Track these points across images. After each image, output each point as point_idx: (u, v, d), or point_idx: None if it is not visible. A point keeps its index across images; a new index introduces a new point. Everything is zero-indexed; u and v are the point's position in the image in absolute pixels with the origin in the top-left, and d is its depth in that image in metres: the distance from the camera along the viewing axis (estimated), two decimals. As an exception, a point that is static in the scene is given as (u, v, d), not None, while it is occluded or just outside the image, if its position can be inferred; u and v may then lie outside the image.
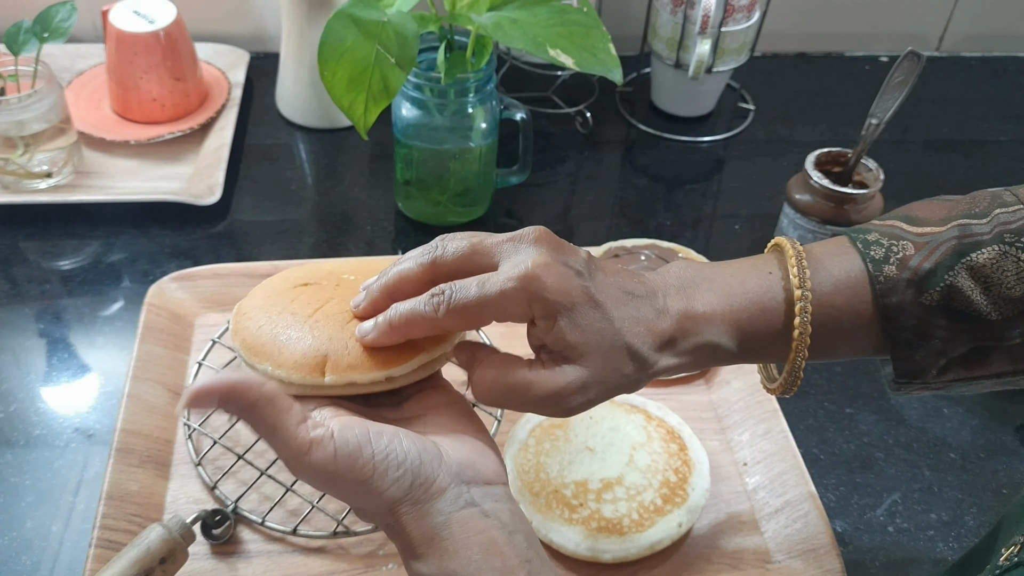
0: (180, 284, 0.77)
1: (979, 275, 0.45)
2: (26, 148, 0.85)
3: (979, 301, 0.45)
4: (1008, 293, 0.45)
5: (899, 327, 0.46)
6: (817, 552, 0.62)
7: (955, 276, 0.45)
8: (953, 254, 0.46)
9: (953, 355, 0.47)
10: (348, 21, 0.71)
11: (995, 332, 0.46)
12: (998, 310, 0.45)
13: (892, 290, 0.46)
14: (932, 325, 0.46)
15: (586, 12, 0.76)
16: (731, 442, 0.70)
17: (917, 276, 0.46)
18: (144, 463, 0.65)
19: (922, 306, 0.46)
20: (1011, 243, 0.46)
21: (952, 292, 0.46)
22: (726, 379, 0.74)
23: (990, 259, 0.45)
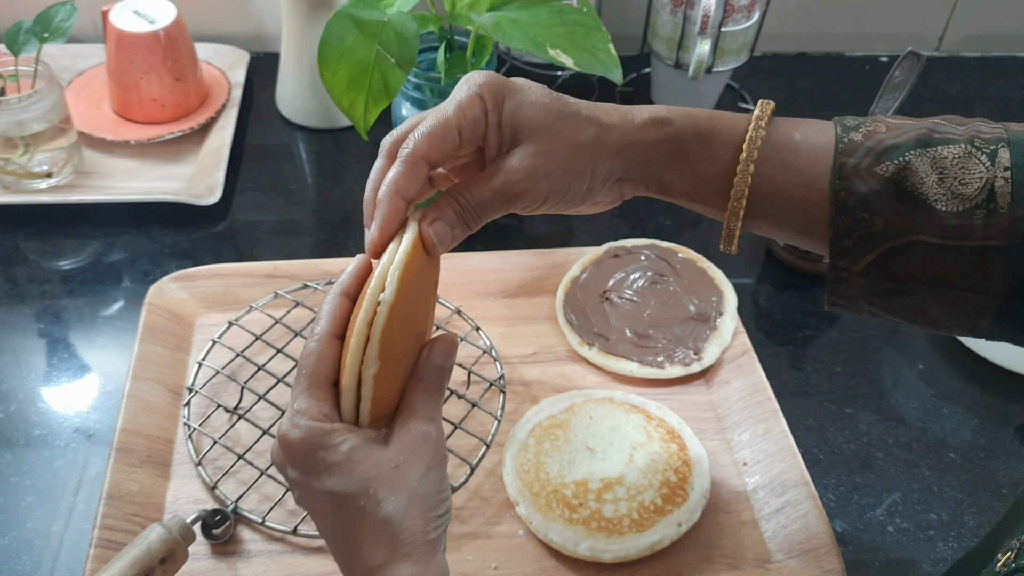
0: (180, 284, 0.77)
1: (938, 165, 0.46)
2: (26, 148, 0.85)
3: (931, 186, 0.45)
4: (960, 188, 0.45)
5: (848, 188, 0.47)
6: (817, 552, 0.62)
7: (916, 156, 0.46)
8: (918, 139, 0.47)
9: (886, 246, 0.47)
10: (348, 21, 0.71)
11: (934, 223, 0.45)
12: (945, 201, 0.45)
13: (852, 151, 0.47)
14: (878, 198, 0.46)
15: (586, 12, 0.76)
16: (731, 442, 0.70)
17: (880, 147, 0.47)
18: (144, 463, 0.65)
19: (875, 175, 0.46)
20: (979, 147, 0.46)
21: (908, 169, 0.46)
22: (726, 379, 0.74)
23: (954, 154, 0.46)
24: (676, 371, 0.74)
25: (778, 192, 0.48)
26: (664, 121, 0.49)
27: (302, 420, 0.44)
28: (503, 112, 0.47)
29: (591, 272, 0.81)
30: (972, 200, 0.45)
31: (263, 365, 0.72)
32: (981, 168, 0.45)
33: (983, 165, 0.45)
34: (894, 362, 0.79)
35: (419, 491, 0.44)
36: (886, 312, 0.49)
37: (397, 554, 0.43)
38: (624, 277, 0.80)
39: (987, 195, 0.45)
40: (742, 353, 0.75)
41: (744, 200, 0.49)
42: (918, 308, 0.48)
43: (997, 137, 0.46)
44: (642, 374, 0.74)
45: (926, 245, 0.46)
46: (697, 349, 0.75)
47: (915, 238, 0.46)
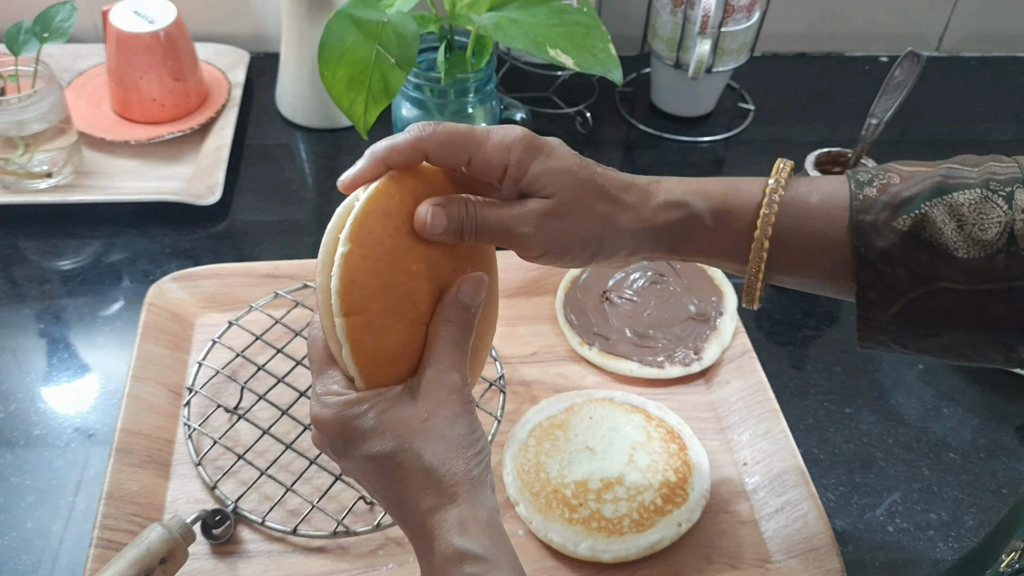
0: (180, 284, 0.77)
1: (955, 212, 0.46)
2: (26, 148, 0.85)
3: (949, 235, 0.46)
4: (980, 235, 0.46)
5: (867, 244, 0.47)
6: (817, 552, 0.62)
7: (931, 207, 0.46)
8: (934, 188, 0.47)
9: (912, 295, 0.47)
10: (348, 21, 0.71)
11: (957, 271, 0.46)
12: (966, 248, 0.46)
13: (868, 208, 0.47)
14: (899, 250, 0.47)
15: (586, 12, 0.76)
16: (731, 442, 0.70)
17: (895, 201, 0.47)
18: (144, 463, 0.65)
19: (893, 230, 0.47)
20: (995, 190, 0.46)
21: (925, 221, 0.46)
22: (726, 379, 0.74)
23: (970, 200, 0.46)
24: (676, 371, 0.74)
25: (797, 253, 0.49)
26: (679, 204, 0.50)
27: (327, 399, 0.46)
28: (527, 171, 0.48)
29: (591, 272, 0.81)
30: (993, 246, 0.45)
31: (263, 365, 0.72)
32: (999, 212, 0.46)
33: (1000, 209, 0.46)
34: (894, 362, 0.79)
35: (452, 436, 0.45)
36: (918, 352, 0.50)
37: (444, 497, 0.44)
38: (624, 277, 0.80)
39: (1007, 239, 0.45)
40: (742, 353, 0.75)
41: (761, 274, 0.50)
42: (951, 346, 0.49)
43: (1012, 178, 0.47)
44: (642, 374, 0.74)
45: (951, 291, 0.46)
46: (697, 349, 0.75)
47: (940, 285, 0.47)
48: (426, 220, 0.46)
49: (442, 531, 0.44)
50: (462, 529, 0.44)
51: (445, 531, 0.44)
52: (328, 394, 0.46)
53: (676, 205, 0.50)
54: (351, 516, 0.63)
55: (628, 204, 0.49)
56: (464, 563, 0.43)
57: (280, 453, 0.66)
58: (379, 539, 0.63)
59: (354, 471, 0.47)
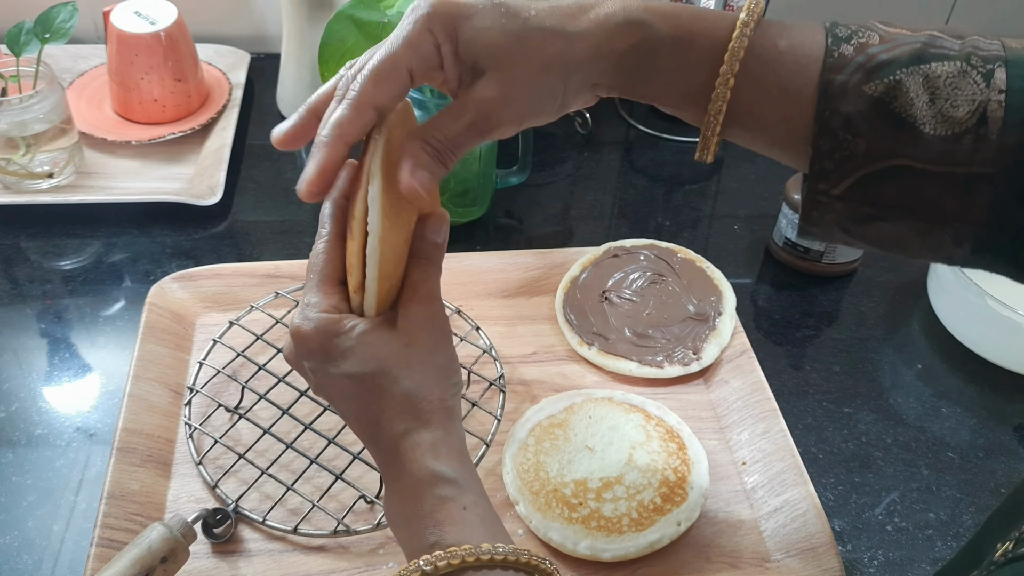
0: (181, 284, 0.77)
1: (930, 84, 0.44)
2: (28, 148, 0.85)
3: (920, 108, 0.43)
4: (951, 111, 0.43)
5: (832, 108, 0.44)
6: (816, 551, 0.62)
7: (907, 75, 0.44)
8: (912, 55, 0.44)
9: (868, 169, 0.45)
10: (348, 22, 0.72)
11: (920, 148, 0.43)
12: (933, 124, 0.43)
13: (841, 67, 0.44)
14: (864, 119, 0.44)
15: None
16: (730, 441, 0.71)
17: (871, 63, 0.44)
18: (145, 462, 0.65)
19: (863, 94, 0.44)
20: (975, 65, 0.44)
21: (898, 89, 0.44)
22: (725, 378, 0.74)
23: (948, 72, 0.44)
24: (675, 371, 0.74)
25: (758, 105, 0.46)
26: (639, 24, 0.45)
27: (313, 312, 0.46)
28: (458, 43, 0.44)
29: (590, 272, 0.81)
30: (962, 124, 0.43)
31: (264, 365, 0.72)
32: (975, 89, 0.43)
33: (977, 86, 0.43)
34: (892, 362, 0.80)
35: (432, 364, 0.47)
36: (861, 239, 0.48)
37: (419, 421, 0.46)
38: (623, 277, 0.81)
39: (979, 119, 0.43)
40: (741, 353, 0.75)
41: (722, 116, 0.47)
42: (895, 236, 0.46)
43: (994, 56, 0.44)
44: (641, 374, 0.74)
45: (909, 170, 0.44)
46: (696, 349, 0.75)
47: (898, 162, 0.44)
48: (417, 189, 0.44)
49: (415, 454, 0.45)
50: (435, 453, 0.45)
51: (419, 454, 0.45)
52: (315, 307, 0.46)
53: (636, 24, 0.45)
54: (351, 515, 0.63)
55: (579, 32, 0.45)
56: (437, 485, 0.45)
57: (281, 452, 0.66)
58: (379, 538, 0.63)
59: (328, 388, 0.47)
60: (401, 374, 0.45)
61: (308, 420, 0.68)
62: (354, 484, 0.65)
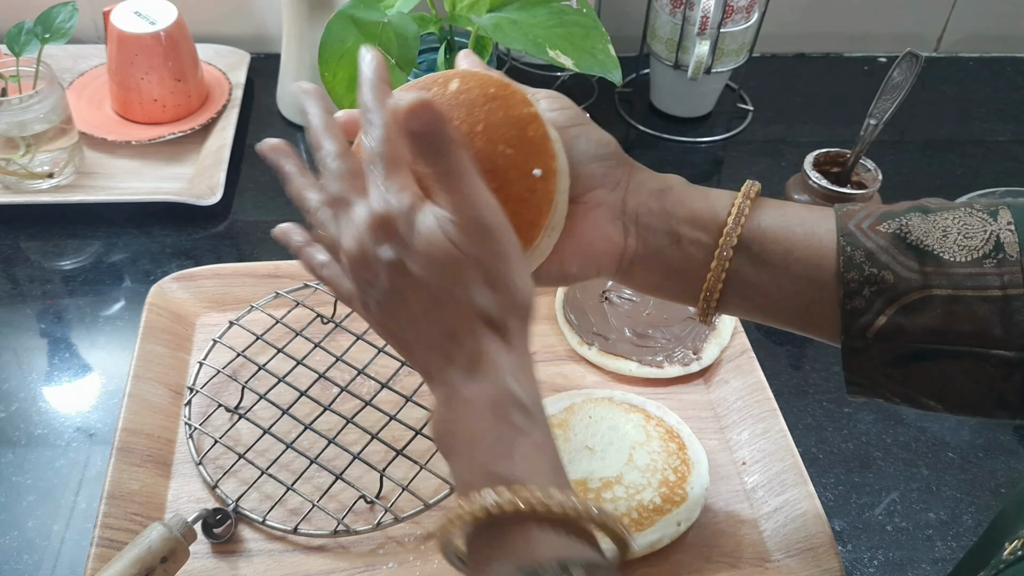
0: (181, 284, 0.77)
1: (940, 225, 0.46)
2: (28, 148, 0.85)
3: (935, 240, 0.45)
4: (966, 242, 0.45)
5: (854, 245, 0.46)
6: (816, 551, 0.62)
7: (914, 217, 0.46)
8: (915, 207, 0.47)
9: (900, 303, 0.45)
10: (348, 22, 0.72)
11: (945, 274, 0.45)
12: (952, 252, 0.45)
13: (850, 215, 0.48)
14: (885, 252, 0.46)
15: (585, 13, 0.76)
16: (730, 441, 0.71)
17: (876, 213, 0.47)
18: (145, 462, 0.65)
19: (878, 232, 0.46)
20: (978, 210, 0.46)
21: (909, 226, 0.46)
22: (725, 378, 0.74)
23: (954, 216, 0.46)
24: (675, 371, 0.74)
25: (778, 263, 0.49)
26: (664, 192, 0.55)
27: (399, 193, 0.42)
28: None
29: (591, 272, 0.81)
30: (979, 250, 0.45)
31: (264, 365, 0.72)
32: (983, 223, 0.46)
33: (984, 222, 0.46)
34: (893, 362, 0.80)
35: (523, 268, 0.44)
36: (908, 387, 0.48)
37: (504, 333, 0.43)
38: (623, 277, 0.80)
39: (994, 245, 0.45)
40: (741, 353, 0.75)
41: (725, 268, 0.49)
42: (942, 377, 0.47)
43: (995, 204, 0.47)
44: (641, 374, 0.74)
45: (942, 299, 0.45)
46: (696, 349, 0.75)
47: (930, 292, 0.45)
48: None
49: (497, 371, 0.41)
50: (515, 375, 0.41)
51: (501, 371, 0.41)
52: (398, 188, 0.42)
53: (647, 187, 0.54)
54: (351, 515, 0.63)
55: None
56: (513, 410, 0.41)
57: (281, 452, 0.66)
58: (379, 538, 0.63)
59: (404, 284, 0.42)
60: (500, 270, 0.41)
61: (308, 420, 0.68)
62: (354, 484, 0.65)
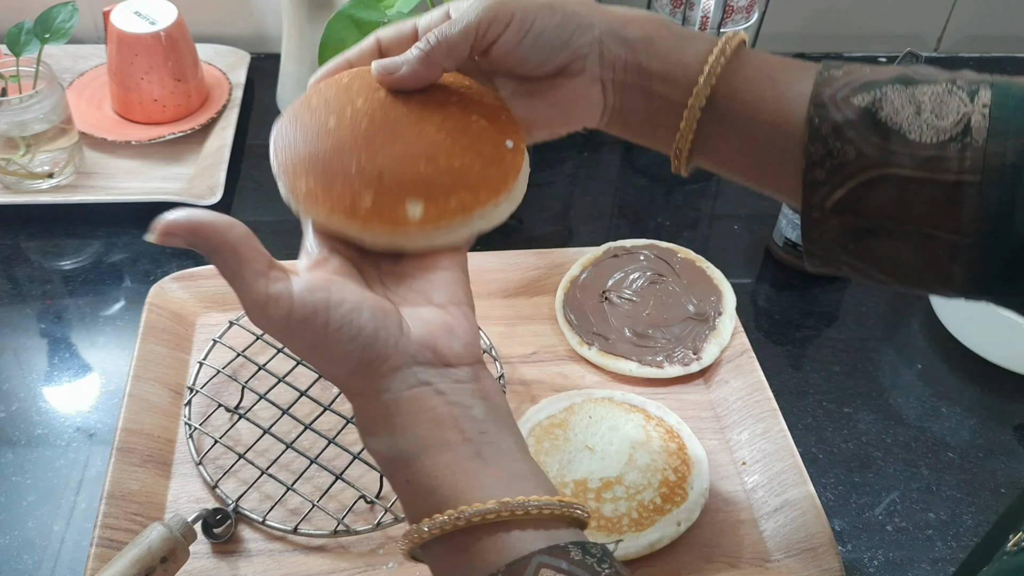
0: (181, 284, 0.77)
1: (915, 100, 0.45)
2: (28, 148, 0.85)
3: (905, 117, 0.45)
4: (936, 121, 0.44)
5: (823, 116, 0.46)
6: (816, 551, 0.62)
7: (892, 89, 0.45)
8: (898, 77, 0.46)
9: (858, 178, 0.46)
10: (348, 22, 0.72)
11: (907, 154, 0.44)
12: (919, 131, 0.44)
13: (830, 83, 0.47)
14: (852, 127, 0.45)
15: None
16: (730, 441, 0.71)
17: (857, 82, 0.46)
18: (145, 462, 0.65)
19: (851, 105, 0.46)
20: (960, 86, 0.45)
21: (883, 100, 0.45)
22: (725, 378, 0.74)
23: (933, 91, 0.45)
24: (675, 371, 0.74)
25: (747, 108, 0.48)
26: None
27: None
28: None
29: (590, 272, 0.81)
30: (947, 132, 0.44)
31: (264, 365, 0.72)
32: (959, 103, 0.45)
33: (961, 101, 0.45)
34: (892, 362, 0.80)
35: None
36: (862, 260, 0.48)
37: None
38: (623, 277, 0.81)
39: (963, 128, 0.44)
40: (741, 353, 0.75)
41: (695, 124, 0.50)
42: (892, 254, 0.47)
43: (980, 79, 0.46)
44: (641, 374, 0.74)
45: (898, 178, 0.45)
46: (696, 349, 0.75)
47: (887, 171, 0.45)
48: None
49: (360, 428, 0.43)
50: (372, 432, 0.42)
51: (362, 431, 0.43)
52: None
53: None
54: (351, 515, 0.63)
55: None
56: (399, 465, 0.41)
57: (281, 452, 0.66)
58: (379, 538, 0.63)
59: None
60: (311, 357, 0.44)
61: (308, 420, 0.68)
62: (354, 484, 0.65)
